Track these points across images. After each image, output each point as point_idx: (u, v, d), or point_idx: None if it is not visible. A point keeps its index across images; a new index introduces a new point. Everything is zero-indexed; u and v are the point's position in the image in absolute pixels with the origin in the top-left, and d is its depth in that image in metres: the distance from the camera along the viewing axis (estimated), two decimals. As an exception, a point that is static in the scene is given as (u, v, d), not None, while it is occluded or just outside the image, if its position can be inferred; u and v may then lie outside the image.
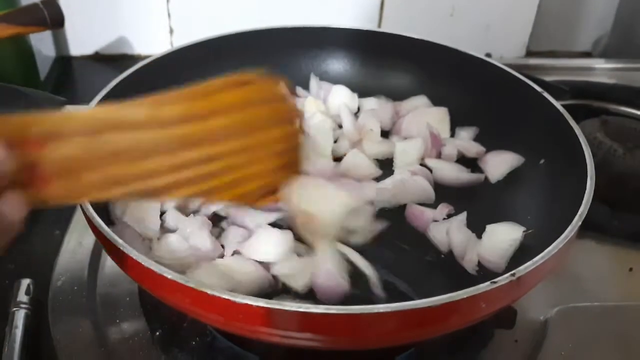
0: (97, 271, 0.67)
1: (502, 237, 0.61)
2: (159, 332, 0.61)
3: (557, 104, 0.68)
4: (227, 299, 0.44)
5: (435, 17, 1.11)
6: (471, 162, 0.75)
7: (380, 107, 0.82)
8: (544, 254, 0.49)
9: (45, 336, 0.61)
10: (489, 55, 1.14)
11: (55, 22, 0.79)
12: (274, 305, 0.44)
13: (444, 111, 0.79)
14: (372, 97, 0.83)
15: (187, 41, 0.78)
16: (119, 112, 0.40)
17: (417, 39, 0.81)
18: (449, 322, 0.47)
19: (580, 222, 0.53)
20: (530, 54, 1.18)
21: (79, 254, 0.69)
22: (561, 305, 0.65)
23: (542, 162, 0.68)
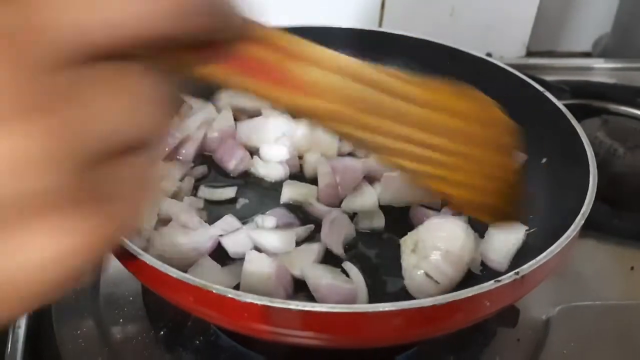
0: (100, 270, 0.67)
1: (505, 236, 0.61)
2: (162, 332, 0.61)
3: (559, 104, 0.68)
4: (232, 298, 0.44)
5: (435, 17, 1.11)
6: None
7: None
8: (547, 252, 0.49)
9: (48, 336, 0.61)
10: (489, 55, 1.14)
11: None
12: (278, 304, 0.44)
13: None
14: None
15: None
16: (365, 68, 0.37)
17: (417, 38, 0.81)
18: (453, 320, 0.47)
19: (582, 221, 0.53)
20: (530, 53, 1.18)
21: (82, 254, 0.69)
22: (563, 304, 0.65)
23: (544, 161, 0.68)
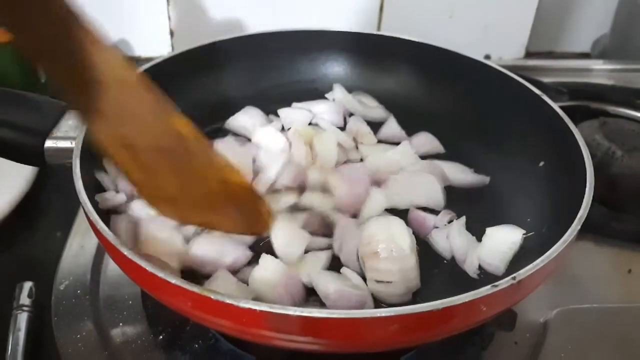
0: (99, 274, 0.68)
1: (502, 240, 0.61)
2: (161, 335, 0.61)
3: (556, 107, 0.68)
4: (230, 304, 0.44)
5: (434, 19, 1.11)
6: (474, 163, 0.74)
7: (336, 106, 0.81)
8: (544, 257, 0.49)
9: (47, 339, 0.61)
10: (488, 56, 1.15)
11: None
12: (277, 309, 0.44)
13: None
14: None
15: (187, 43, 0.78)
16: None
17: (416, 41, 0.81)
18: (450, 325, 0.47)
19: (579, 226, 0.53)
20: (529, 55, 1.18)
21: (82, 258, 0.70)
22: (560, 307, 0.65)
23: (541, 164, 0.68)
